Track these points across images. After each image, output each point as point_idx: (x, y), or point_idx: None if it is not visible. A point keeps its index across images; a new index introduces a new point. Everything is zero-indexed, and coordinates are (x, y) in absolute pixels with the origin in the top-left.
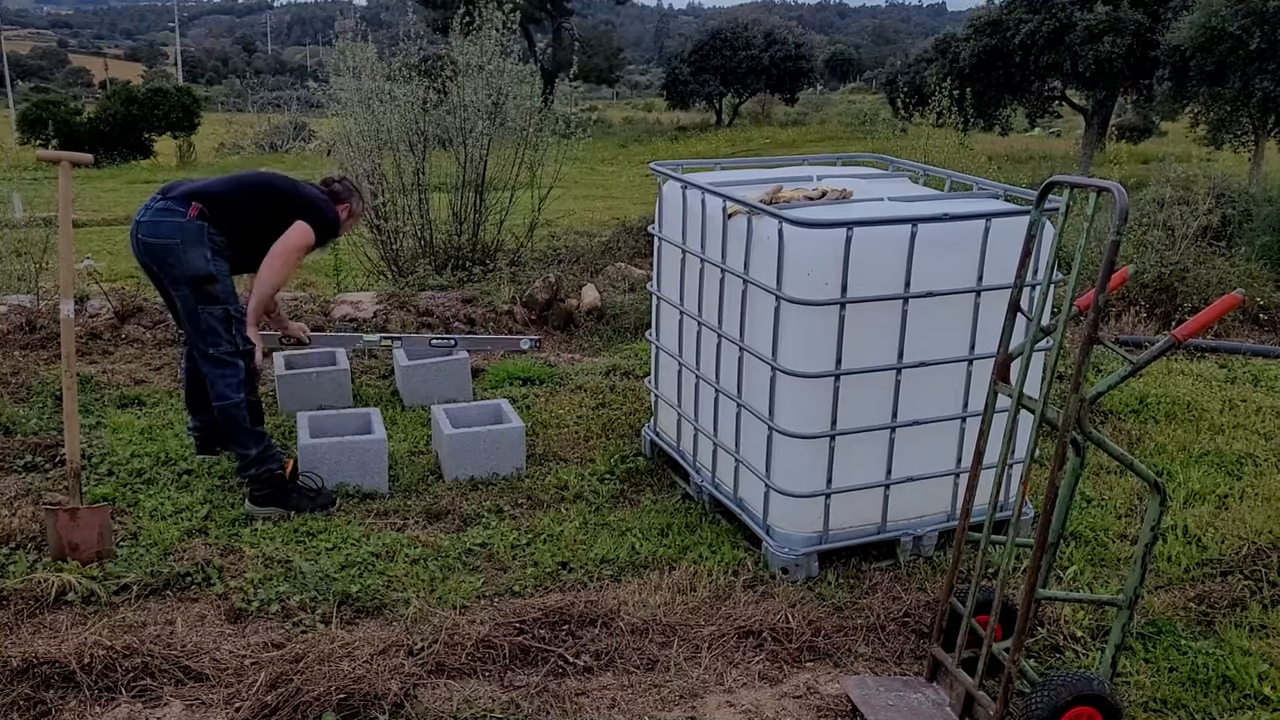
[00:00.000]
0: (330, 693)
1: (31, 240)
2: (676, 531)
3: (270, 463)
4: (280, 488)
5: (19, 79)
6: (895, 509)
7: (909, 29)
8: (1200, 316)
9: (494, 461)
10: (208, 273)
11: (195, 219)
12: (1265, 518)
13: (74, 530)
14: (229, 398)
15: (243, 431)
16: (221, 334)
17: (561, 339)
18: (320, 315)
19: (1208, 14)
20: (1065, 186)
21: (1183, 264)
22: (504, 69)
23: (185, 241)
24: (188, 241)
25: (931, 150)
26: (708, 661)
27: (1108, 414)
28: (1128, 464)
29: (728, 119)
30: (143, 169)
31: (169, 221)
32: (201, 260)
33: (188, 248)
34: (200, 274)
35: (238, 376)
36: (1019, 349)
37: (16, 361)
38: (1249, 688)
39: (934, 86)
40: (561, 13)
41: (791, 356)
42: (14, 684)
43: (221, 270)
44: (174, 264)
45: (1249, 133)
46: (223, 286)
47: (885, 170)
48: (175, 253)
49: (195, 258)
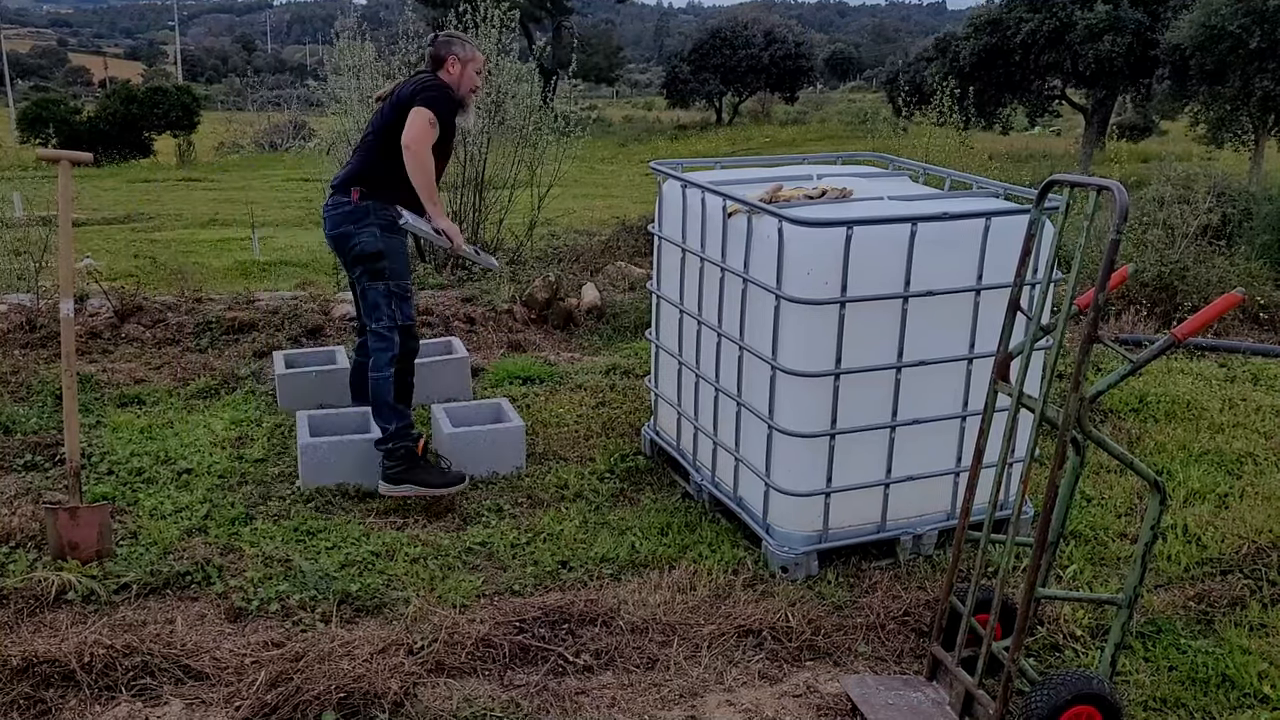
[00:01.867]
0: (330, 691)
1: (31, 239)
2: (676, 530)
3: (405, 439)
4: (412, 463)
5: (18, 78)
6: (895, 508)
7: (909, 28)
8: (1200, 315)
9: (494, 460)
10: (376, 250)
11: (360, 202)
12: (1265, 517)
13: (74, 529)
14: (380, 370)
15: (386, 405)
16: (383, 308)
17: (561, 338)
18: (320, 314)
19: (1207, 13)
20: (1065, 185)
21: (1183, 263)
22: (503, 67)
23: (357, 225)
24: (359, 224)
25: (932, 149)
26: (707, 660)
27: (1108, 413)
28: (1128, 463)
29: (728, 118)
30: (142, 168)
31: (338, 212)
32: (371, 239)
33: (359, 230)
34: (369, 252)
35: (391, 351)
36: (1019, 348)
37: (16, 360)
38: (1249, 686)
39: (935, 85)
40: (561, 11)
41: (791, 355)
42: (14, 683)
43: (393, 246)
44: (349, 248)
45: (1249, 131)
46: (390, 263)
47: (885, 169)
48: (350, 238)
49: (366, 238)
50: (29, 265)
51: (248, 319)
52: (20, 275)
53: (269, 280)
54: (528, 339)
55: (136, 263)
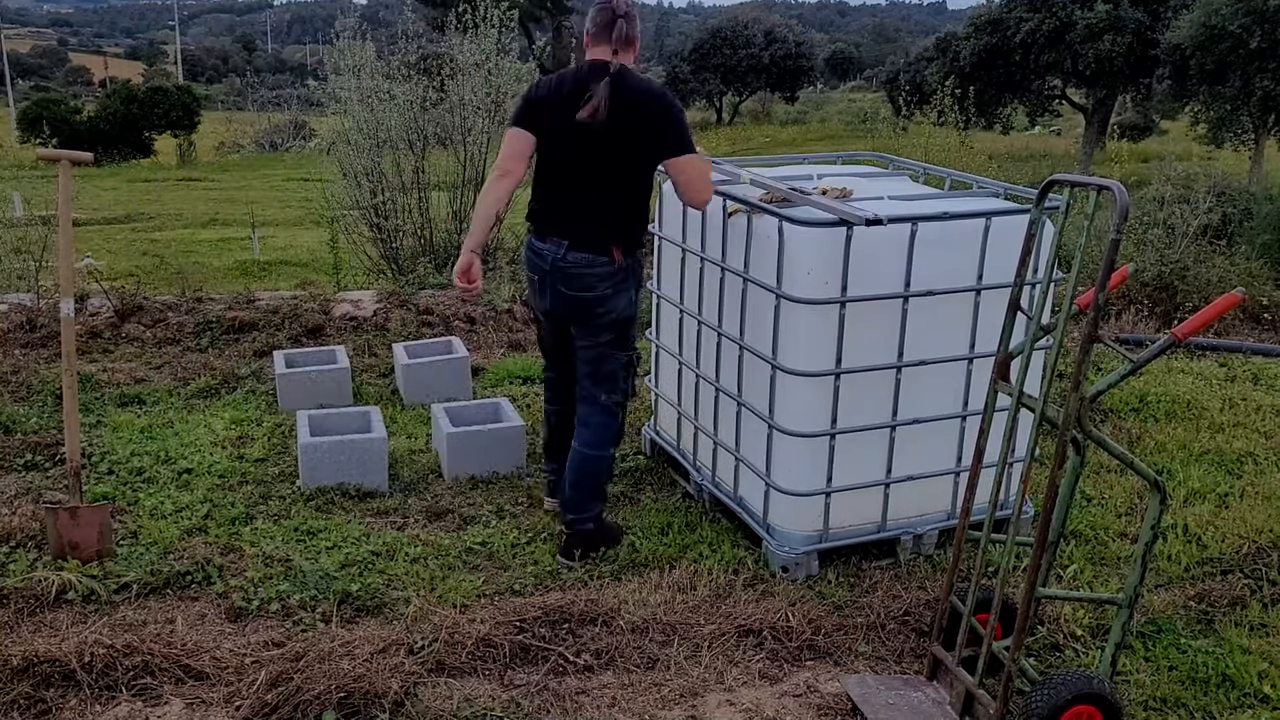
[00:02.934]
0: (330, 691)
1: (31, 239)
2: (676, 530)
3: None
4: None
5: (19, 77)
6: (895, 508)
7: (909, 27)
8: (1200, 315)
9: (494, 460)
10: (630, 315)
11: (623, 261)
12: (1265, 516)
13: (74, 529)
14: (604, 450)
15: (598, 489)
16: (620, 381)
17: None
18: (320, 314)
19: (1208, 13)
20: (1065, 185)
21: (1183, 262)
22: (502, 67)
23: (616, 289)
24: (618, 288)
25: (932, 149)
26: (708, 660)
27: (1108, 412)
28: (1128, 463)
29: (728, 118)
30: (143, 168)
31: (594, 272)
32: (629, 304)
33: (619, 294)
34: (626, 318)
35: (615, 429)
36: (1019, 347)
37: (16, 360)
38: (1249, 686)
39: (935, 85)
40: (561, 11)
41: (791, 355)
42: (14, 683)
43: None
44: (599, 312)
45: (1249, 131)
46: (634, 331)
47: (886, 169)
48: (605, 302)
49: (624, 302)
50: (29, 265)
51: (248, 319)
52: (20, 275)
53: (269, 280)
54: (528, 339)
55: (143, 260)
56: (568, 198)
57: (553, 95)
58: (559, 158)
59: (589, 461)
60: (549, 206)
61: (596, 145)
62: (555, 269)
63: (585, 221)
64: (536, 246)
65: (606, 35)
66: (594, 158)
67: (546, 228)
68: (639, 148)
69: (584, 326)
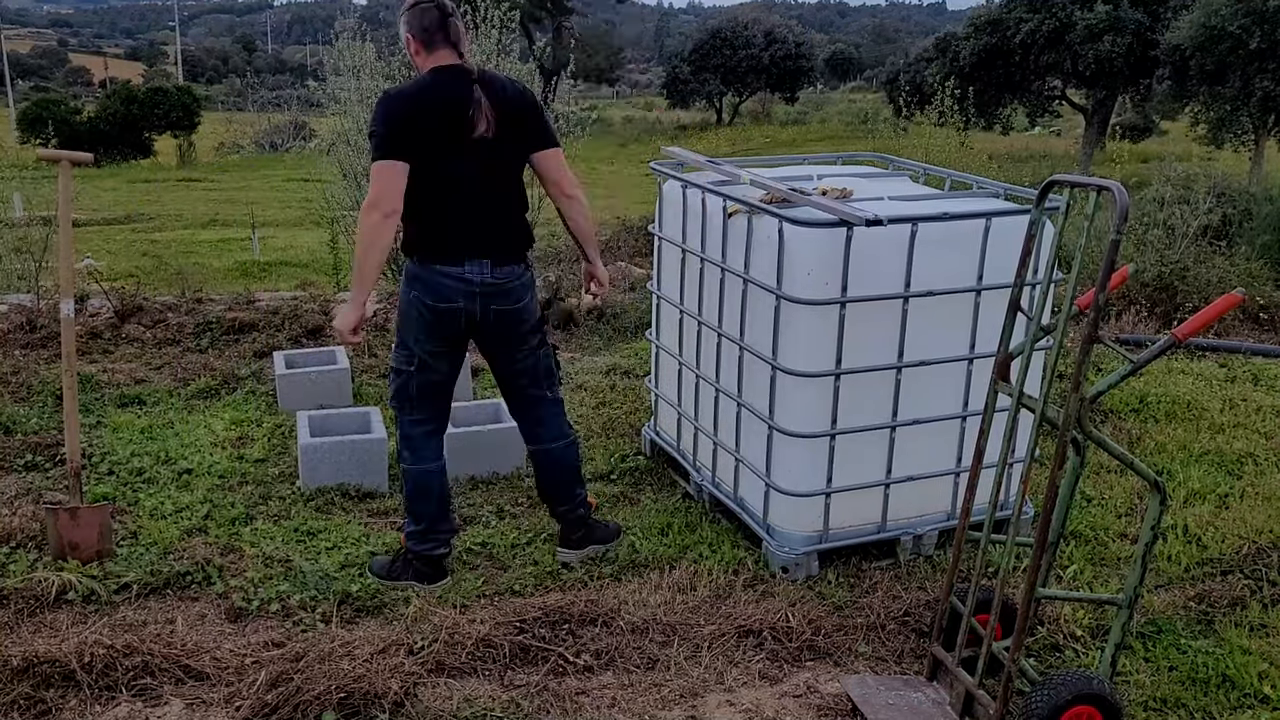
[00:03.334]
0: (330, 691)
1: (31, 239)
2: (676, 531)
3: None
4: (589, 526)
5: (19, 78)
6: (895, 508)
7: (909, 28)
8: (1200, 315)
9: (494, 460)
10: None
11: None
12: (1265, 517)
13: (74, 530)
14: (571, 435)
15: (579, 471)
16: (555, 370)
17: (561, 338)
18: (320, 314)
19: (1208, 13)
20: (1065, 185)
21: (1183, 263)
22: (503, 68)
23: (530, 295)
24: (531, 294)
25: (932, 149)
26: (708, 660)
27: (1108, 413)
28: (1128, 463)
29: (728, 118)
30: (143, 168)
31: (519, 284)
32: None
33: (531, 299)
34: (539, 318)
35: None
36: (1019, 348)
37: (16, 361)
38: (1249, 687)
39: (935, 86)
40: (562, 11)
41: (792, 356)
42: (14, 683)
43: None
44: (524, 320)
45: (1249, 132)
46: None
47: (886, 169)
48: (530, 310)
49: (534, 304)
50: (29, 265)
51: (248, 319)
52: (20, 275)
53: (269, 280)
54: None
55: (143, 261)
56: (477, 216)
57: (428, 114)
58: (456, 176)
59: (565, 451)
60: (457, 229)
61: (490, 155)
62: (486, 291)
63: (502, 235)
64: (452, 273)
65: (444, 36)
66: (492, 169)
67: (461, 252)
68: (524, 147)
69: (516, 339)
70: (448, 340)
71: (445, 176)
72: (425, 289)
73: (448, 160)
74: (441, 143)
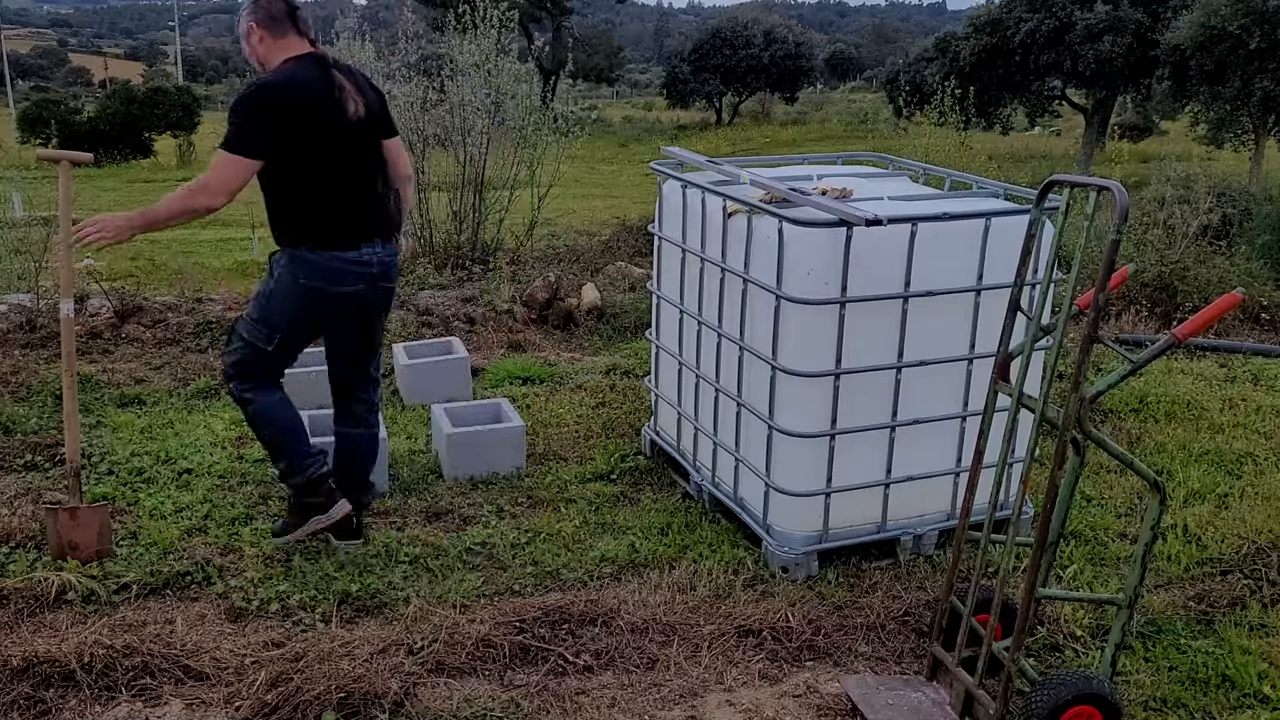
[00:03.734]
0: (330, 691)
1: (31, 239)
2: (676, 531)
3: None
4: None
5: (19, 78)
6: (895, 508)
7: (909, 28)
8: (1200, 315)
9: (494, 460)
10: None
11: None
12: (1265, 517)
13: (74, 529)
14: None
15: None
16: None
17: (561, 338)
18: None
19: (1207, 13)
20: (1065, 185)
21: (1183, 263)
22: (502, 68)
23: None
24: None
25: (932, 149)
26: (708, 660)
27: (1108, 413)
28: (1128, 463)
29: (728, 118)
30: (143, 168)
31: (395, 261)
32: None
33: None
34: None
35: None
36: (1019, 348)
37: (16, 361)
38: (1249, 687)
39: (935, 86)
40: (561, 11)
41: (791, 355)
42: (14, 683)
43: None
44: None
45: (1249, 132)
46: None
47: (885, 169)
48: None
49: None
50: (29, 265)
51: None
52: (20, 275)
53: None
54: (528, 339)
55: (143, 261)
56: (365, 198)
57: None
58: (339, 161)
59: (375, 439)
60: (352, 214)
61: (364, 138)
62: (379, 271)
63: (386, 215)
64: (351, 257)
65: (293, 24)
66: (367, 151)
67: (358, 235)
68: (379, 131)
69: (383, 316)
70: (323, 323)
71: (329, 164)
72: (324, 276)
73: (329, 147)
74: (319, 131)
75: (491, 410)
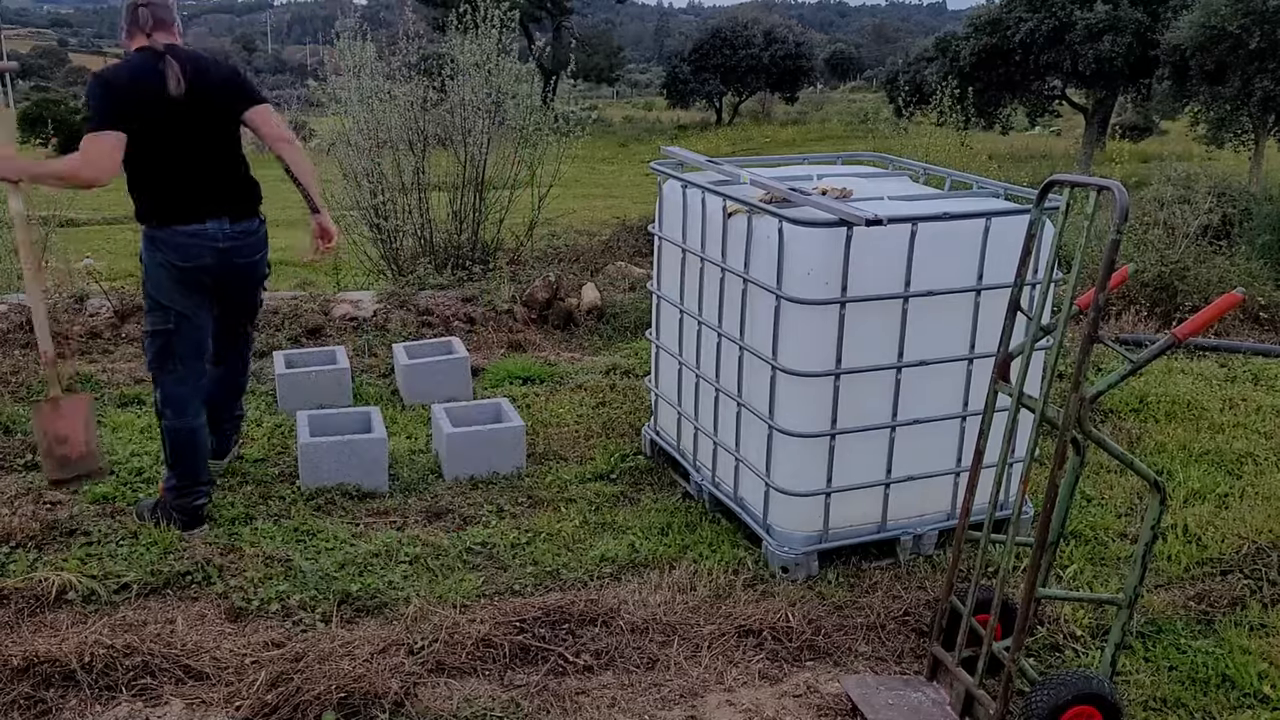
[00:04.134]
0: (330, 691)
1: (31, 239)
2: (676, 530)
3: None
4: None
5: (19, 78)
6: (895, 508)
7: (909, 28)
8: (1200, 315)
9: (494, 460)
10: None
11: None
12: (1265, 517)
13: (58, 420)
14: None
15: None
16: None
17: (561, 338)
18: (320, 314)
19: (1207, 13)
20: (1065, 185)
21: (1183, 263)
22: (503, 68)
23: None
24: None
25: (932, 149)
26: (708, 660)
27: (1108, 413)
28: (1128, 463)
29: (728, 118)
30: None
31: (258, 238)
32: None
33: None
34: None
35: None
36: (1019, 348)
37: (16, 361)
38: (1249, 686)
39: (935, 85)
40: (561, 11)
41: (791, 355)
42: (14, 683)
43: None
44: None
45: (1249, 131)
46: None
47: (886, 169)
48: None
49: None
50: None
51: None
52: (20, 275)
53: (268, 280)
54: (528, 339)
55: (135, 264)
56: (204, 176)
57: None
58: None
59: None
60: (190, 190)
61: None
62: (228, 246)
63: (232, 192)
64: (194, 231)
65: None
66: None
67: (199, 211)
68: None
69: (251, 288)
70: (202, 294)
71: (162, 142)
72: (172, 251)
73: (159, 126)
74: (150, 111)
75: (491, 410)
